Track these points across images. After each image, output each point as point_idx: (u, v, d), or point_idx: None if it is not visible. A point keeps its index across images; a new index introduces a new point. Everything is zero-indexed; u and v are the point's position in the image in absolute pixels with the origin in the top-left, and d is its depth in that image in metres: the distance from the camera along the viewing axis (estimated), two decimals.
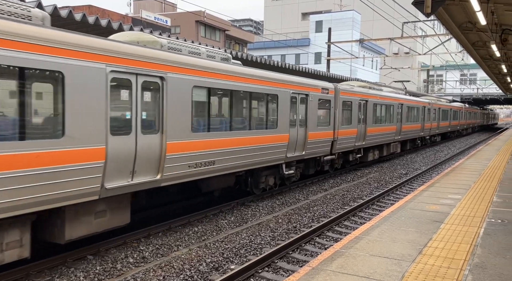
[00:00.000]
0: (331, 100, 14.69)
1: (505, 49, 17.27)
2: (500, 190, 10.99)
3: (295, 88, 12.51)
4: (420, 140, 28.81)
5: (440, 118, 32.94)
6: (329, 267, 5.45)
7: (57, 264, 6.97)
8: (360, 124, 17.24)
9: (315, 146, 13.61)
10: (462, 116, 43.74)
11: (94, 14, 12.08)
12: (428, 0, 7.25)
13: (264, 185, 11.97)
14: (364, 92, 17.72)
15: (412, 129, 25.23)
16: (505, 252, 6.10)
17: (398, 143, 23.07)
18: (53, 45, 5.93)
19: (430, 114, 29.52)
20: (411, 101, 24.68)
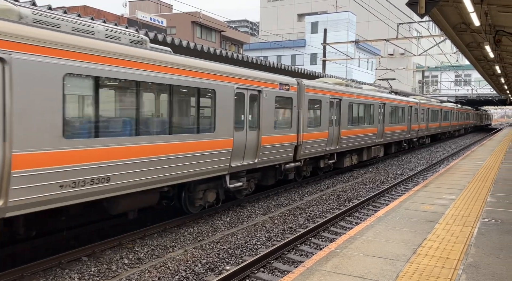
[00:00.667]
0: (293, 98, 12.58)
1: (499, 50, 17.40)
2: (494, 190, 11.06)
3: (242, 82, 10.26)
4: (407, 143, 26.99)
5: (429, 119, 30.98)
6: (324, 267, 5.46)
7: (51, 266, 6.94)
8: (333, 126, 15.26)
9: (272, 153, 11.56)
10: (453, 117, 41.95)
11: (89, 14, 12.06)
12: (422, 1, 7.30)
13: (202, 202, 9.81)
14: (338, 90, 15.74)
15: (397, 131, 23.20)
16: (499, 251, 6.14)
17: (380, 146, 21.07)
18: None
19: (418, 115, 27.45)
20: (395, 101, 22.63)
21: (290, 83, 12.51)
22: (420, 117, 28.28)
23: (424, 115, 29.60)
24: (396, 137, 23.42)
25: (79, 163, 6.49)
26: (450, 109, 39.25)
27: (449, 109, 38.89)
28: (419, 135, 28.77)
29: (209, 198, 9.85)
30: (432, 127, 32.60)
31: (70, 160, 6.37)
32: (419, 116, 27.90)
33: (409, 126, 25.67)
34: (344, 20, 54.04)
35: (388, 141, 21.93)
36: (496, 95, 53.07)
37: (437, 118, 33.85)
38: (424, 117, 29.48)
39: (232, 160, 10.05)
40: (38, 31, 5.99)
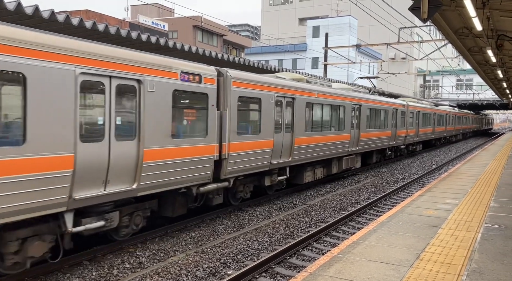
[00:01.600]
0: (210, 94, 9.10)
1: (501, 54, 17.39)
2: (497, 195, 11.01)
3: (93, 64, 6.64)
4: (392, 151, 23.81)
5: (420, 123, 27.61)
6: (326, 272, 5.42)
7: (52, 270, 6.91)
8: (281, 132, 11.95)
9: (167, 173, 8.10)
10: (449, 121, 38.46)
11: (92, 19, 12.07)
12: (424, 6, 7.29)
13: (19, 259, 6.24)
14: (289, 86, 12.25)
15: (378, 138, 19.85)
16: (503, 257, 6.09)
17: (356, 156, 17.80)
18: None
19: (405, 119, 24.19)
20: (375, 102, 19.33)
21: (202, 72, 8.83)
22: (409, 122, 25.13)
23: (414, 119, 26.36)
24: (377, 144, 20.03)
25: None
26: (445, 112, 36.13)
27: (444, 113, 35.66)
28: (408, 142, 25.44)
29: (33, 251, 6.35)
30: (424, 132, 29.25)
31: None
32: (407, 120, 24.67)
33: (394, 131, 22.30)
34: (346, 24, 54.16)
35: (366, 149, 18.65)
36: (498, 100, 53.01)
37: (430, 123, 30.63)
38: (413, 121, 26.22)
39: (76, 188, 6.48)
40: None
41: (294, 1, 69.17)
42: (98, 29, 10.40)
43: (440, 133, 35.11)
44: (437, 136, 34.12)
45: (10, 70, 5.63)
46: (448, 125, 38.01)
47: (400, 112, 23.37)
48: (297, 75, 14.38)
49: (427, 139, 31.07)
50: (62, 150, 6.27)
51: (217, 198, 10.09)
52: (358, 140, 17.49)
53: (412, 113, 25.96)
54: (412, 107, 25.79)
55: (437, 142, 36.69)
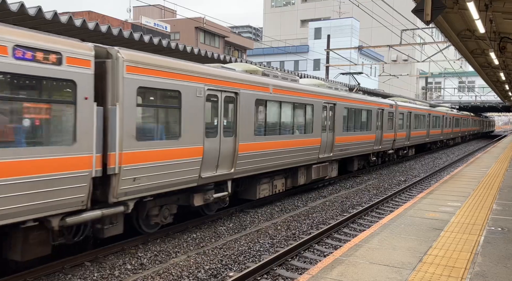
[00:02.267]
0: (78, 83, 6.43)
1: (504, 57, 17.35)
2: (499, 198, 10.98)
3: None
4: (378, 157, 21.20)
5: (412, 126, 25.16)
6: (329, 275, 5.40)
7: (54, 271, 6.91)
8: (218, 136, 9.44)
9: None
10: (447, 123, 35.73)
11: (94, 20, 12.10)
12: (428, 8, 7.28)
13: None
14: (229, 77, 9.77)
15: (358, 142, 17.37)
16: (506, 260, 6.06)
17: (330, 164, 15.41)
18: None
19: (394, 120, 21.72)
20: (354, 100, 16.76)
21: (65, 50, 6.27)
22: (398, 124, 22.47)
23: (405, 120, 23.72)
24: (358, 149, 17.49)
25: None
26: (441, 114, 33.47)
27: (440, 114, 32.87)
28: (397, 146, 22.78)
29: None
30: (417, 135, 26.61)
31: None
32: (396, 121, 22.10)
33: (379, 134, 19.75)
34: (348, 26, 54.15)
35: (344, 155, 16.22)
36: (500, 102, 52.94)
37: (423, 125, 27.97)
38: (404, 123, 23.55)
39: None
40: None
41: (296, 2, 69.22)
42: (101, 30, 10.42)
43: (436, 136, 32.40)
44: (432, 139, 31.43)
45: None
46: (445, 128, 35.51)
47: (387, 113, 20.81)
48: (251, 66, 11.89)
49: (420, 143, 28.33)
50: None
51: (111, 228, 7.38)
52: (333, 145, 14.96)
53: (402, 114, 23.38)
54: (402, 107, 23.17)
55: (433, 146, 34.03)
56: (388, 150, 21.96)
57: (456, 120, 40.61)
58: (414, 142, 26.59)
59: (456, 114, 40.64)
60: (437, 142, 34.89)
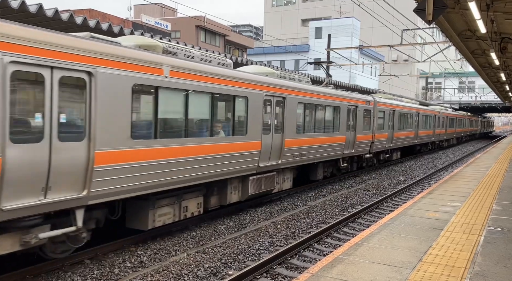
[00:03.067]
0: None
1: (504, 57, 17.35)
2: (499, 198, 10.98)
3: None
4: (353, 162, 18.03)
5: (396, 126, 22.06)
6: (329, 273, 5.41)
7: (54, 268, 6.91)
8: (46, 140, 5.99)
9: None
10: (440, 124, 32.87)
11: (95, 18, 12.10)
12: (429, 8, 7.28)
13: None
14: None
15: (321, 145, 14.18)
16: (506, 260, 6.07)
17: (281, 173, 12.50)
18: None
19: (371, 119, 18.69)
20: (314, 94, 13.54)
21: None
22: (378, 123, 19.45)
23: (386, 120, 20.65)
24: (322, 154, 14.34)
25: None
26: (433, 113, 30.67)
27: (431, 113, 29.99)
28: (376, 149, 19.64)
29: None
30: (403, 137, 23.56)
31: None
32: (375, 121, 19.11)
33: (351, 136, 16.63)
34: (348, 25, 54.13)
35: (301, 162, 13.09)
36: (500, 103, 52.95)
37: (411, 125, 25.12)
38: (385, 123, 20.46)
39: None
40: None
41: (297, 2, 69.19)
42: (102, 28, 10.41)
43: (427, 138, 29.52)
44: (422, 141, 28.57)
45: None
46: (438, 128, 32.58)
47: (363, 111, 17.69)
48: (149, 39, 8.50)
49: (407, 145, 25.22)
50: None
51: None
52: (281, 150, 11.87)
53: (383, 112, 20.14)
54: (382, 104, 19.87)
55: (424, 148, 30.91)
56: (365, 154, 18.65)
57: (451, 120, 37.91)
58: (399, 144, 23.25)
59: (451, 114, 37.94)
60: (428, 144, 31.92)
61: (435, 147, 34.75)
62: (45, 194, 5.99)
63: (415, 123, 25.99)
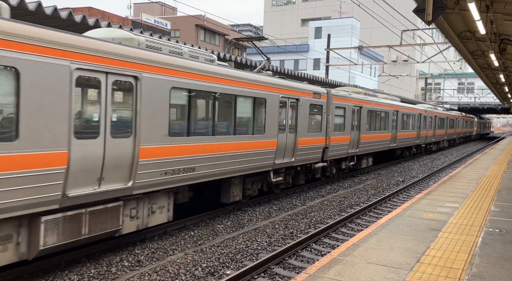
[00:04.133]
0: None
1: (504, 58, 17.36)
2: (497, 199, 10.98)
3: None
4: (297, 173, 13.80)
5: (363, 126, 17.80)
6: (326, 274, 5.40)
7: (51, 267, 6.89)
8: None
9: None
10: (426, 125, 28.68)
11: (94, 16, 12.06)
12: (429, 8, 7.27)
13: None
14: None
15: (233, 153, 9.94)
16: (504, 262, 6.06)
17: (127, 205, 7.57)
18: None
19: (324, 118, 14.39)
20: (205, 76, 8.88)
21: None
22: (335, 123, 15.28)
23: (348, 119, 16.22)
24: (234, 166, 10.01)
25: None
26: (417, 111, 26.64)
27: (414, 112, 25.93)
28: (333, 156, 15.31)
29: None
30: (374, 140, 19.16)
31: None
32: (330, 120, 14.82)
33: (289, 140, 12.35)
34: (348, 26, 54.14)
35: (193, 179, 8.80)
36: (499, 104, 53.02)
37: (387, 125, 20.81)
38: (346, 123, 16.14)
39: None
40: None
41: (297, 2, 69.17)
42: (101, 26, 10.38)
43: (408, 140, 25.20)
44: (403, 144, 24.26)
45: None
46: (424, 129, 28.39)
47: (309, 105, 13.30)
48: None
49: (381, 150, 20.74)
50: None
51: None
52: (134, 164, 7.32)
53: (344, 108, 15.82)
54: (341, 99, 15.54)
55: (406, 152, 26.69)
56: (316, 163, 14.27)
57: (441, 120, 33.65)
58: (369, 149, 18.72)
59: (441, 113, 33.66)
60: (412, 148, 27.51)
61: (421, 151, 30.12)
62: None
63: (392, 123, 21.73)
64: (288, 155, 12.49)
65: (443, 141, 36.52)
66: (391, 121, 21.66)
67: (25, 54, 5.69)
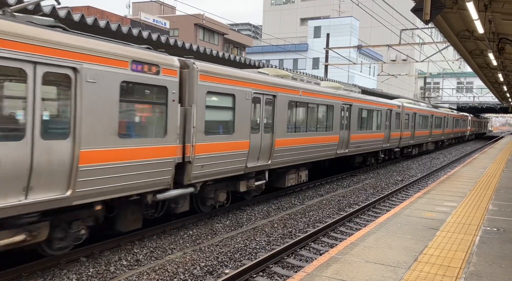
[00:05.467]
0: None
1: (502, 58, 17.38)
2: (495, 198, 11.01)
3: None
4: None
5: (285, 126, 12.03)
6: (324, 273, 5.41)
7: (49, 266, 6.89)
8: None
9: None
10: (400, 123, 23.02)
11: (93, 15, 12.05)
12: (427, 7, 7.28)
13: None
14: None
15: None
16: (501, 260, 6.08)
17: None
18: None
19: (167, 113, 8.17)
20: None
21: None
22: (262, 121, 11.01)
23: (263, 115, 11.08)
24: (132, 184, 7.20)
25: None
26: (383, 106, 20.36)
27: (378, 107, 19.67)
28: (255, 169, 10.73)
29: None
30: (310, 145, 13.50)
31: None
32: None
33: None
34: (347, 25, 54.14)
35: None
36: (498, 103, 53.09)
37: (333, 125, 14.98)
38: (274, 121, 11.47)
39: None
40: None
41: (296, 1, 69.16)
42: (99, 25, 10.38)
43: (372, 144, 19.24)
44: (362, 149, 18.23)
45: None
46: (396, 130, 22.42)
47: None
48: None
49: (324, 158, 14.70)
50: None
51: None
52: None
53: (272, 102, 11.28)
54: (260, 85, 10.66)
55: (371, 159, 20.60)
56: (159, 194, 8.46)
57: (423, 118, 27.75)
58: (296, 159, 12.74)
59: (422, 110, 27.61)
60: (378, 154, 21.15)
61: (395, 156, 24.36)
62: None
63: (342, 121, 15.91)
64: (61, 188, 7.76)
65: (427, 144, 30.71)
66: (339, 118, 15.53)
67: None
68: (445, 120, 35.61)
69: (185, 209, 9.20)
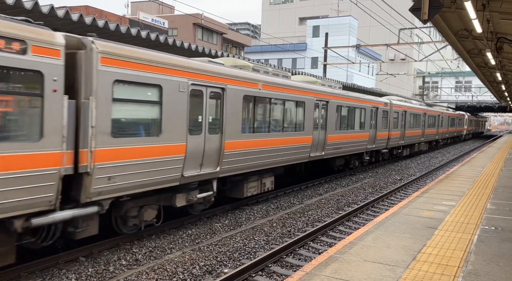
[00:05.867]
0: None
1: (500, 57, 17.42)
2: (494, 197, 11.04)
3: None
4: None
5: (244, 126, 10.37)
6: (323, 272, 5.42)
7: (48, 266, 6.90)
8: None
9: None
10: (388, 122, 21.35)
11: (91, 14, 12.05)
12: (425, 7, 7.30)
13: None
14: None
15: None
16: (499, 259, 6.10)
17: None
18: None
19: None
20: None
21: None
22: (206, 119, 9.09)
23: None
24: None
25: None
26: (368, 103, 18.53)
27: (362, 104, 17.95)
28: (197, 178, 8.93)
29: None
30: (278, 147, 11.84)
31: None
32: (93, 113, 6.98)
33: None
34: (346, 24, 54.16)
35: None
36: (496, 102, 53.19)
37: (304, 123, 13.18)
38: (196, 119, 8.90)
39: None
40: None
41: (295, 0, 69.15)
42: (98, 25, 10.37)
43: (353, 145, 17.47)
44: (343, 151, 16.48)
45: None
46: (383, 129, 20.70)
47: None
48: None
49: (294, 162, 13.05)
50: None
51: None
52: None
53: (220, 96, 9.50)
54: (201, 75, 8.74)
55: (354, 161, 18.77)
56: None
57: (414, 117, 25.79)
58: (248, 166, 10.69)
59: (414, 108, 25.62)
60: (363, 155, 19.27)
61: (383, 158, 22.67)
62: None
63: (316, 120, 14.18)
64: None
65: (419, 144, 29.12)
66: (313, 116, 13.81)
67: None
68: (440, 119, 33.84)
69: (92, 233, 7.18)
